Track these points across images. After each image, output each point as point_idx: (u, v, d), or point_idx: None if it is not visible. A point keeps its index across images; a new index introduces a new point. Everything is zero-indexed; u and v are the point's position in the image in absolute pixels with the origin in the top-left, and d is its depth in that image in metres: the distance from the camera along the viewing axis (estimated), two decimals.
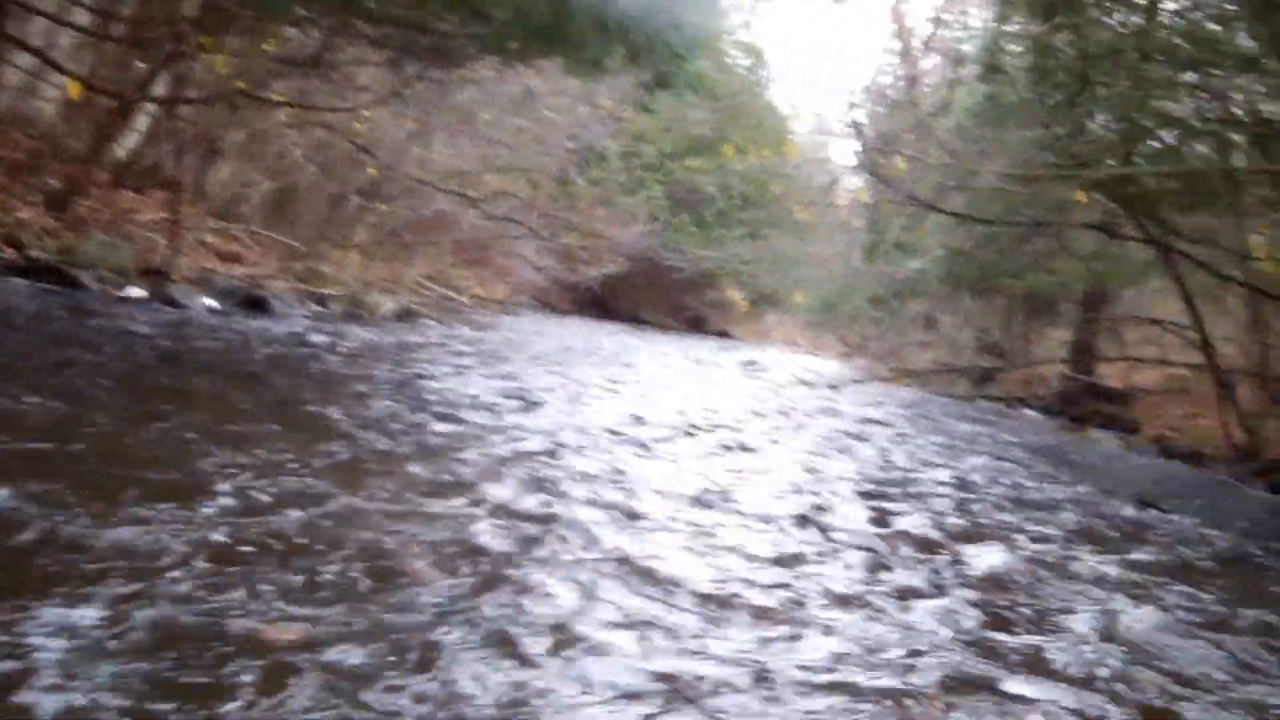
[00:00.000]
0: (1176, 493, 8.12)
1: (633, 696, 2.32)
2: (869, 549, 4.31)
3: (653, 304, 29.29)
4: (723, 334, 31.19)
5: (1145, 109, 8.69)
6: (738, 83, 31.09)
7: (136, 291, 8.75)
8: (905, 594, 3.60)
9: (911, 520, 5.15)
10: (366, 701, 2.10)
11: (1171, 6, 8.97)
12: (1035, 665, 2.98)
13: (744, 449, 6.88)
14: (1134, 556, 4.91)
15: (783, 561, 3.83)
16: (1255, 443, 10.70)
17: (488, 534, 3.49)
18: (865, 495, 5.78)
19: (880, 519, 5.13)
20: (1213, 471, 10.17)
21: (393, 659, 2.32)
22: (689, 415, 8.19)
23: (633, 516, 4.19)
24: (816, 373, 16.72)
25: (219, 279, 10.16)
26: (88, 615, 2.26)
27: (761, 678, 2.55)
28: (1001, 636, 3.23)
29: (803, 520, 4.69)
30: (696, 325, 30.65)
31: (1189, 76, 8.78)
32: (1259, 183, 10.10)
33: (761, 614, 3.09)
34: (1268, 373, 12.85)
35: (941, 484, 6.66)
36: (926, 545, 4.61)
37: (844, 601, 3.38)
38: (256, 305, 9.95)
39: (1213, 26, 8.57)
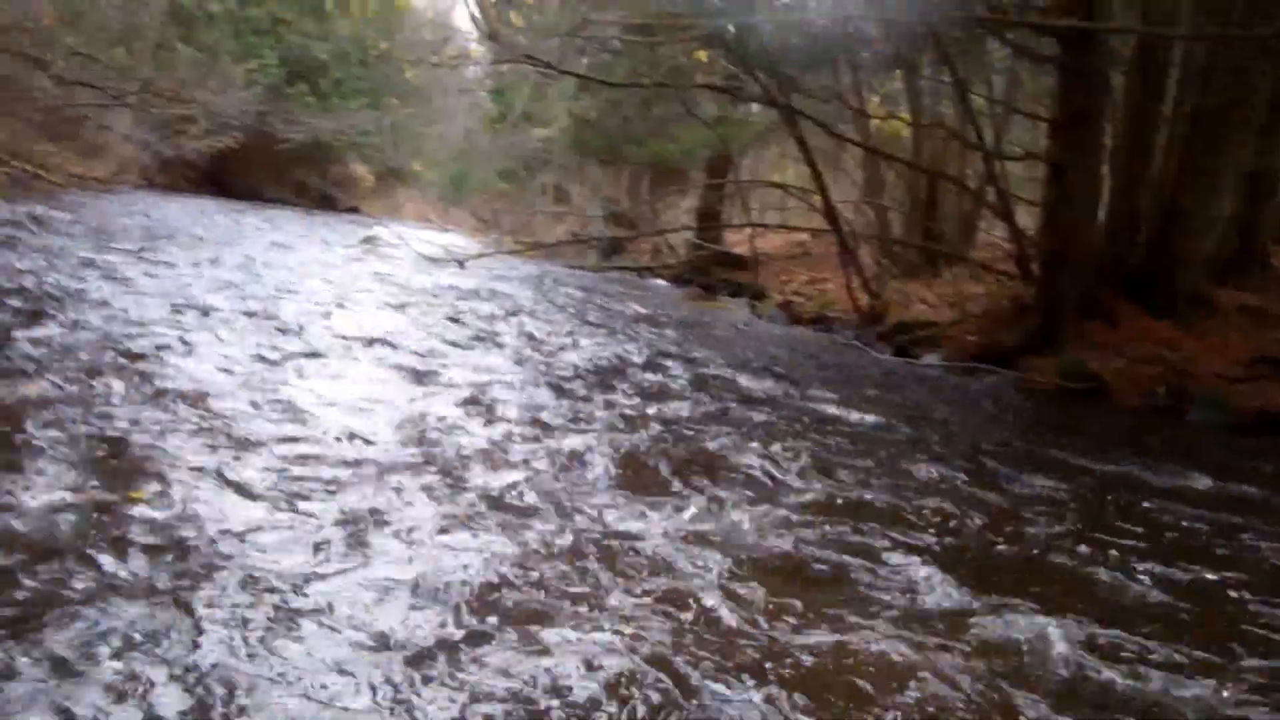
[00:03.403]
0: (804, 361, 7.84)
1: None
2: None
3: (274, 180, 27.05)
4: (352, 211, 29.39)
5: None
6: None
7: None
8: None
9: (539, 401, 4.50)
10: None
11: None
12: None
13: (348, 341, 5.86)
14: (776, 443, 4.38)
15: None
16: (878, 306, 10.71)
17: None
18: (482, 372, 5.01)
19: (497, 403, 4.50)
20: (839, 336, 10.04)
21: None
22: (298, 301, 7.10)
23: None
24: (444, 248, 15.71)
25: None
26: None
27: None
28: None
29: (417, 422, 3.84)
30: (325, 203, 28.68)
31: None
32: (879, 39, 9.90)
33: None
34: (887, 235, 13.03)
35: (569, 364, 5.99)
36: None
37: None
38: None
39: None
